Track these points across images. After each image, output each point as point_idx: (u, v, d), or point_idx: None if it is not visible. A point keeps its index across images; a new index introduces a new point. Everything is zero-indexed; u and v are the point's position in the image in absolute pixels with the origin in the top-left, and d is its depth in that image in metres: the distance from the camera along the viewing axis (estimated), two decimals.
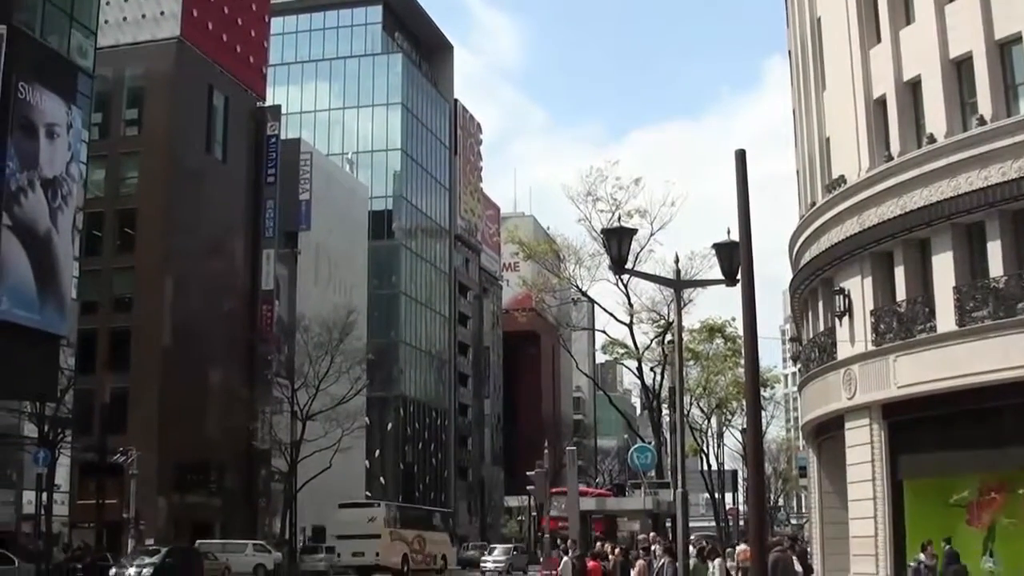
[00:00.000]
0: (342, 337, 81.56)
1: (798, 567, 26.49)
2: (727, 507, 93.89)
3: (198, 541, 70.67)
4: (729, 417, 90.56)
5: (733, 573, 33.68)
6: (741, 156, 25.72)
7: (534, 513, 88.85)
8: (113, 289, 78.84)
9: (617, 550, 31.09)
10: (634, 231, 29.38)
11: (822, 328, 42.07)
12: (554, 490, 56.17)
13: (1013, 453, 33.60)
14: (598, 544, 34.78)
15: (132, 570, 45.44)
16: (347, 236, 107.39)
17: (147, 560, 46.76)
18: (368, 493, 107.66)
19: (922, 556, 26.18)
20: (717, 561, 26.56)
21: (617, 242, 26.14)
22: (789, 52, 48.03)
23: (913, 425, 36.44)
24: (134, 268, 77.99)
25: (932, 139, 34.97)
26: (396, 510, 79.19)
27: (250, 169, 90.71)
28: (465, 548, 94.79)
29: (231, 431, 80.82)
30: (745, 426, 61.53)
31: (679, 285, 28.89)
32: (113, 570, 46.67)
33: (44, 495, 62.01)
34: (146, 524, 66.36)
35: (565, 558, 32.31)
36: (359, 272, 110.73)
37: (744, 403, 54.19)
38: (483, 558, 79.26)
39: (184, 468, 78.33)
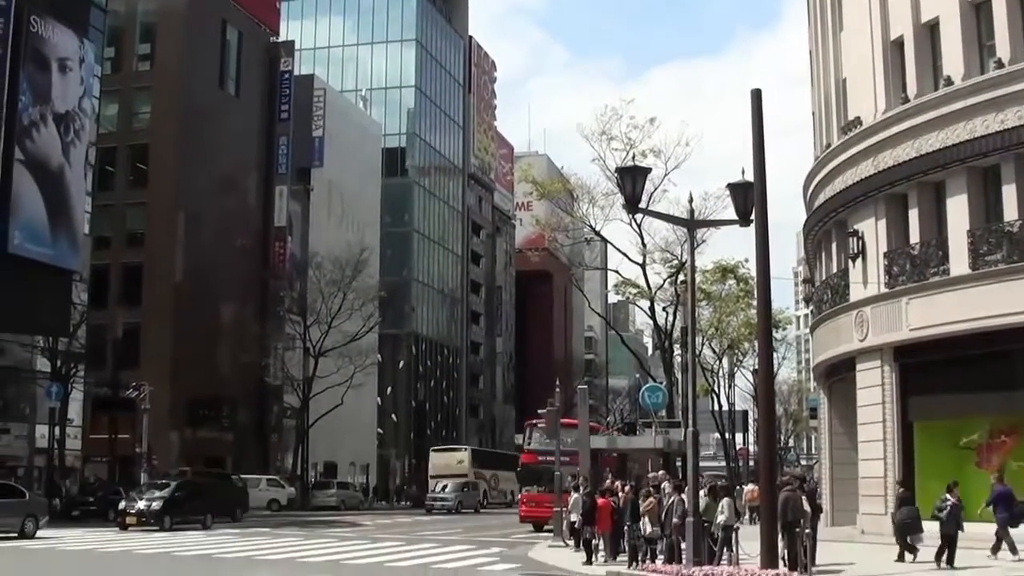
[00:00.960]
0: (354, 274, 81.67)
1: (807, 506, 26.53)
2: (737, 447, 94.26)
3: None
4: (740, 358, 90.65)
5: (743, 511, 33.85)
6: (757, 96, 25.60)
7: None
8: (126, 224, 78.80)
9: (627, 487, 31.14)
10: (648, 170, 29.29)
11: (835, 270, 42.00)
12: (532, 420, 55.79)
13: (1023, 397, 33.63)
14: (607, 481, 34.87)
15: (142, 503, 45.30)
16: (360, 173, 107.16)
17: (157, 493, 46.67)
18: (380, 430, 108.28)
19: (949, 497, 26.12)
20: (726, 500, 26.61)
21: (631, 181, 26.06)
22: None
23: (924, 367, 36.46)
24: (146, 204, 77.87)
25: (949, 81, 34.75)
26: (478, 453, 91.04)
27: (263, 105, 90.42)
28: None
29: (243, 367, 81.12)
30: (756, 367, 61.60)
31: (692, 225, 28.79)
32: (123, 503, 46.62)
33: (57, 429, 62.41)
34: (158, 458, 66.72)
35: (575, 494, 32.46)
36: (372, 210, 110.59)
37: (756, 344, 54.13)
38: (429, 494, 77.00)
39: (196, 403, 78.64)
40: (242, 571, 26.81)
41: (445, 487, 75.47)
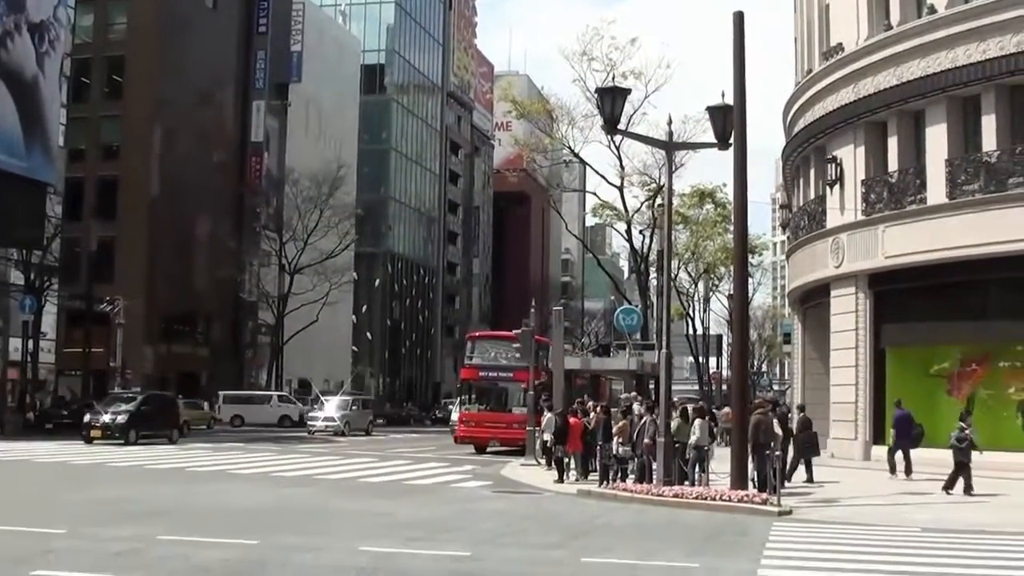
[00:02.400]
0: (331, 191, 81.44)
1: (778, 429, 26.77)
2: (711, 371, 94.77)
3: (221, 392, 70.89)
4: (716, 282, 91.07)
5: (717, 434, 34.09)
6: (739, 19, 25.47)
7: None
8: (101, 137, 78.06)
9: (599, 408, 31.31)
10: (628, 91, 29.21)
11: (813, 196, 42.08)
12: (475, 334, 55.53)
13: (996, 326, 33.89)
14: (577, 402, 35.04)
15: (107, 417, 44.75)
16: (338, 90, 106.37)
17: (123, 407, 46.15)
18: (355, 348, 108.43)
19: (964, 426, 26.18)
20: (699, 421, 26.77)
21: (610, 101, 25.93)
22: None
23: (898, 295, 36.66)
24: (122, 116, 77.09)
25: (932, 10, 34.62)
26: None
27: (241, 18, 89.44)
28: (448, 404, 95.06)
29: (218, 282, 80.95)
30: (731, 291, 61.77)
31: (671, 147, 28.67)
32: (88, 416, 46.12)
33: (31, 343, 62.19)
34: (132, 373, 66.71)
35: (548, 414, 32.62)
36: (350, 127, 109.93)
37: (731, 269, 54.25)
38: (310, 414, 63.47)
39: (171, 318, 78.56)
40: (219, 483, 26.91)
41: (330, 404, 62.56)
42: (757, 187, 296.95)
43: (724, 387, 79.42)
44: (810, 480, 28.75)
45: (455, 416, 53.39)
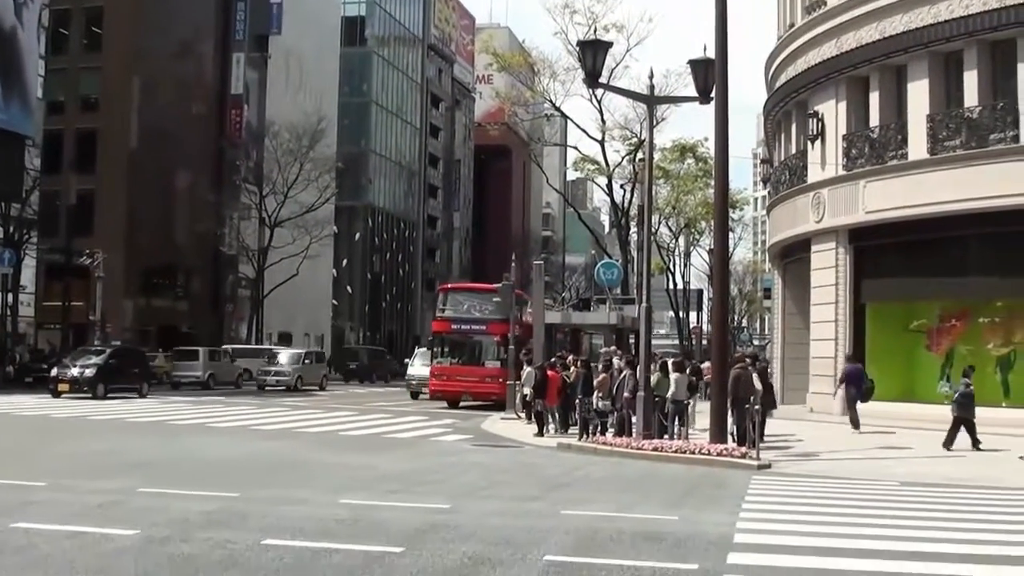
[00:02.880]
0: (312, 144, 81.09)
1: (758, 384, 26.87)
2: (691, 326, 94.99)
3: (230, 346, 70.00)
4: (697, 237, 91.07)
5: (699, 388, 34.29)
6: None
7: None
8: (80, 89, 77.44)
9: (578, 362, 31.37)
10: (609, 44, 29.12)
11: (794, 151, 42.06)
12: (449, 286, 55.20)
13: (976, 282, 33.99)
14: (557, 356, 35.11)
15: (75, 370, 44.44)
16: (319, 42, 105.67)
17: (91, 360, 45.83)
18: (335, 302, 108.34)
19: (968, 382, 26.24)
20: (677, 375, 26.85)
21: (592, 55, 25.87)
22: None
23: (879, 251, 36.75)
24: (101, 68, 76.43)
25: None
26: None
27: None
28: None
29: (198, 236, 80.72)
30: (712, 246, 61.83)
31: (652, 101, 28.62)
32: (55, 370, 45.74)
33: (10, 296, 62.00)
34: (112, 326, 66.54)
35: (528, 368, 32.70)
36: (330, 79, 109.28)
37: (712, 223, 54.32)
38: (260, 368, 60.46)
39: (151, 272, 78.29)
40: (199, 436, 26.92)
41: (281, 357, 60.67)
42: (738, 142, 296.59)
43: (704, 342, 79.58)
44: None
45: (412, 371, 52.67)
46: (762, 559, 11.53)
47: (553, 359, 33.47)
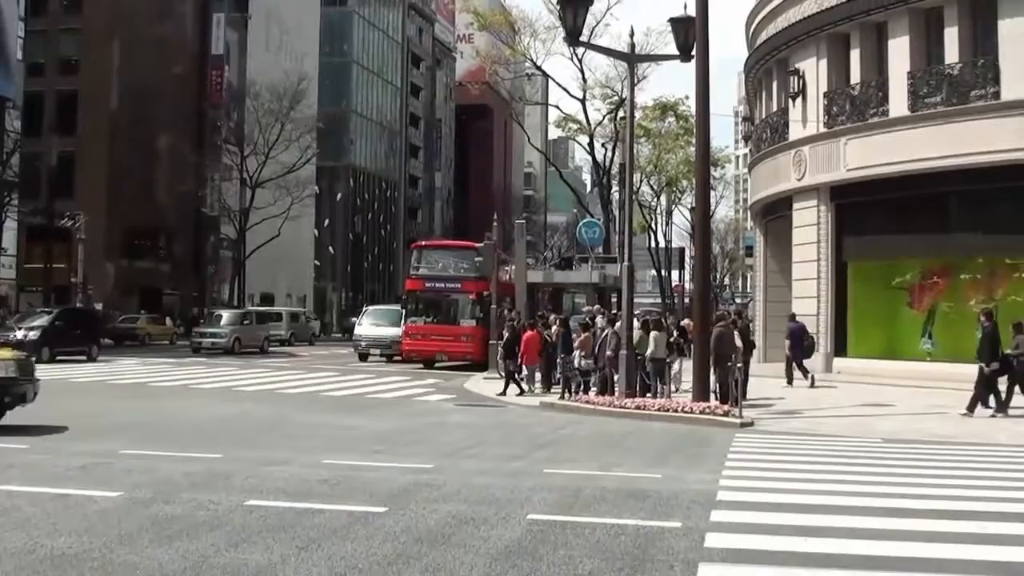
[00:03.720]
0: (292, 104, 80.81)
1: (739, 342, 26.91)
2: (673, 284, 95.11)
3: (249, 308, 69.11)
4: (678, 195, 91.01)
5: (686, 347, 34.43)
6: None
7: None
8: (60, 51, 76.97)
9: (558, 321, 31.40)
10: (590, 1, 28.99)
11: (775, 109, 42.03)
12: (423, 243, 54.84)
13: (958, 239, 34.07)
14: (538, 315, 35.11)
15: (19, 333, 43.44)
16: (299, 2, 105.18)
17: (36, 323, 44.79)
18: (317, 262, 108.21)
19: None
20: (654, 334, 26.89)
21: (572, 13, 25.73)
22: None
23: (860, 208, 36.79)
24: (81, 30, 76.00)
25: None
26: None
27: None
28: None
29: (180, 197, 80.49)
30: (694, 204, 61.89)
31: (633, 59, 28.54)
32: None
33: None
34: (94, 288, 66.40)
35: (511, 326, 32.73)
36: (310, 39, 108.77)
37: (694, 181, 54.37)
38: (196, 329, 58.63)
39: (132, 233, 78.08)
40: (181, 398, 26.91)
41: (220, 318, 57.42)
42: (720, 100, 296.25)
43: (687, 300, 79.74)
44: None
45: (360, 331, 50.92)
46: (745, 516, 11.58)
47: (534, 318, 33.47)
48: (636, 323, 27.71)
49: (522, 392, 29.33)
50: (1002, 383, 24.73)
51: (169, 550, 9.36)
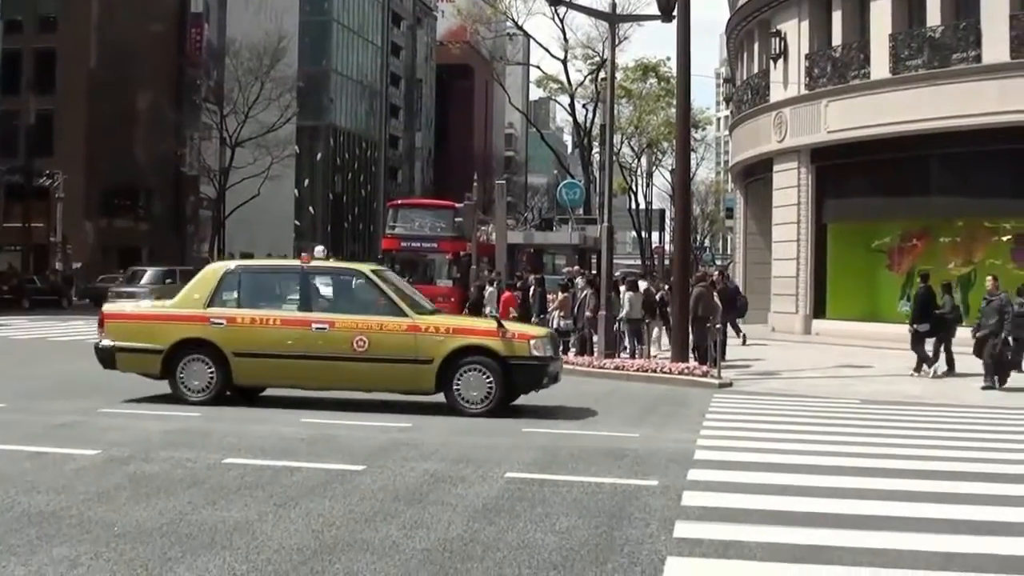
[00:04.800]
0: (272, 63, 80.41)
1: (717, 302, 27.00)
2: (654, 246, 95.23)
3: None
4: (659, 157, 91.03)
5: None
6: None
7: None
8: (38, 8, 76.30)
9: (534, 280, 31.41)
10: None
11: (756, 70, 42.02)
12: (399, 201, 54.42)
13: (937, 202, 34.19)
14: (516, 276, 35.13)
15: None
16: None
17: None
18: (297, 222, 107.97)
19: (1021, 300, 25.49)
20: (629, 295, 26.93)
21: None
22: None
23: (840, 170, 36.87)
24: None
25: None
26: None
27: None
28: None
29: (159, 156, 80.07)
30: (674, 166, 61.90)
31: (614, 19, 28.52)
32: None
33: None
34: (73, 248, 66.17)
35: (490, 288, 32.70)
36: None
37: (675, 143, 54.42)
38: (113, 288, 50.58)
39: (111, 192, 77.76)
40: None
41: (142, 275, 51.94)
42: (701, 62, 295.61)
43: (667, 262, 79.86)
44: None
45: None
46: (722, 475, 11.63)
47: (513, 280, 33.46)
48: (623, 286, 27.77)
49: None
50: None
51: (147, 507, 9.35)
